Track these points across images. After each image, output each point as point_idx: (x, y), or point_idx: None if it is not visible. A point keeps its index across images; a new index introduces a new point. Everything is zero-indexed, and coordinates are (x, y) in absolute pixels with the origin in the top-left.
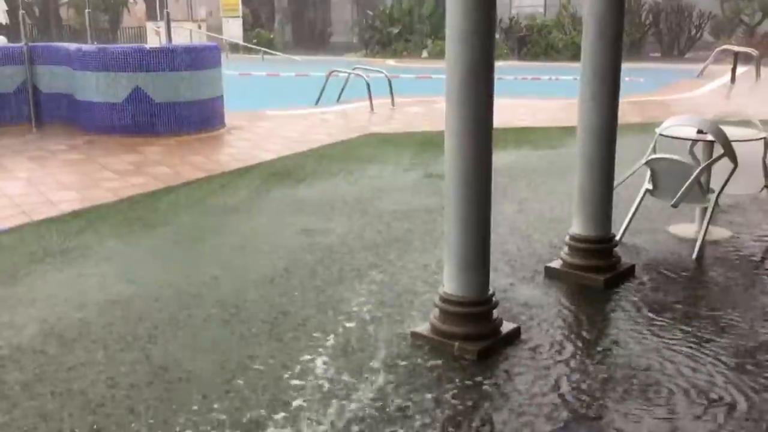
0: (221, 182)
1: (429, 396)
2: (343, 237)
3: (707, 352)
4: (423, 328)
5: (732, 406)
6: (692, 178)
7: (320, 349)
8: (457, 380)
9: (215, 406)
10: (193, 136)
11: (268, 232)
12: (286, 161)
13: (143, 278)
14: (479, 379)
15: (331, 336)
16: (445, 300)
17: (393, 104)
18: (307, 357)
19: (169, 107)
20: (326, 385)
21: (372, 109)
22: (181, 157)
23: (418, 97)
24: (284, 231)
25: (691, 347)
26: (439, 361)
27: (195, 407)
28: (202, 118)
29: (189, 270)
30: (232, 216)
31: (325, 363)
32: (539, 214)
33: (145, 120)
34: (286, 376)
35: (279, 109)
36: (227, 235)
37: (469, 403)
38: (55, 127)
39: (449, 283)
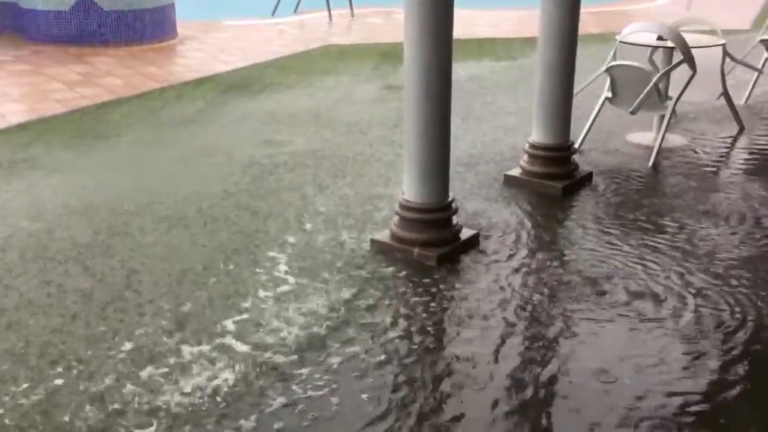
0: (176, 93)
1: (388, 299)
2: (303, 148)
3: (660, 255)
4: (383, 235)
5: (682, 307)
6: (651, 84)
7: (282, 254)
8: (416, 284)
9: (183, 308)
10: (144, 46)
11: (228, 143)
12: (242, 72)
13: (97, 189)
14: (438, 283)
15: (293, 242)
16: (404, 207)
17: (352, 15)
18: (270, 255)
19: (118, 15)
20: (286, 288)
21: (330, 19)
22: (133, 68)
23: (378, 7)
24: (244, 142)
25: (644, 250)
26: (399, 267)
27: (164, 305)
28: (153, 28)
29: (145, 179)
30: (189, 127)
31: (286, 266)
32: (500, 123)
33: (93, 29)
34: (247, 277)
35: (234, 20)
36: (185, 146)
37: (429, 306)
38: (1, 38)
39: (409, 190)
